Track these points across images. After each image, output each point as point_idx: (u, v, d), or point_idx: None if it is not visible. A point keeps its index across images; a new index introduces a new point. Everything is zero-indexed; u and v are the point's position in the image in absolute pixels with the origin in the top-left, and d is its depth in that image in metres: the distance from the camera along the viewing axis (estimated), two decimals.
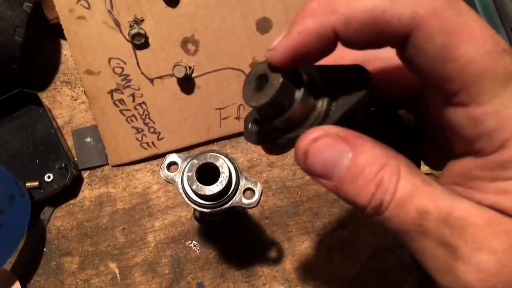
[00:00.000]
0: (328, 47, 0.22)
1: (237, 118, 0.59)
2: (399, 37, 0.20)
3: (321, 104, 0.23)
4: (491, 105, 0.19)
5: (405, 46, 0.20)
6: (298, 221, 0.57)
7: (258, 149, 0.60)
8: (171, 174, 0.44)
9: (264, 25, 0.57)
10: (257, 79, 0.24)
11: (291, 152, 0.61)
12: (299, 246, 0.56)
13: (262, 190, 0.44)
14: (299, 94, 0.23)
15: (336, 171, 0.22)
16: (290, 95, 0.23)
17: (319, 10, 0.21)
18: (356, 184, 0.21)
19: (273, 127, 0.25)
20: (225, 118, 0.59)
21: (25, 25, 0.56)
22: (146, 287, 0.55)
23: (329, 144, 0.22)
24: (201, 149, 0.60)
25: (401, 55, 0.21)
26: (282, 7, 0.57)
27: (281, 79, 0.22)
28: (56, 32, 0.63)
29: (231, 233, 0.57)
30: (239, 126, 0.60)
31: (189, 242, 0.57)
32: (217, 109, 0.59)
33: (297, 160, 0.23)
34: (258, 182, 0.44)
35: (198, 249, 0.56)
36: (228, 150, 0.60)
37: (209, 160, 0.42)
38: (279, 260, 0.56)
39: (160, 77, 0.57)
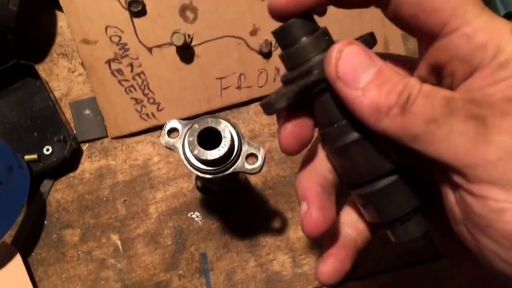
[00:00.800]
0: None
1: (238, 87, 0.58)
2: None
3: None
4: (478, 21, 0.23)
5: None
6: None
7: (260, 119, 0.59)
8: (172, 141, 0.43)
9: None
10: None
11: None
12: None
13: (265, 155, 0.43)
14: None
15: (363, 77, 0.24)
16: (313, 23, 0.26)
17: None
18: (382, 87, 0.23)
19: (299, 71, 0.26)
20: (225, 88, 0.58)
21: None
22: (149, 258, 0.55)
23: (361, 52, 0.24)
24: None
25: (388, 10, 0.25)
26: None
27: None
28: (51, 3, 0.61)
29: (233, 203, 0.56)
30: (240, 96, 0.59)
31: (191, 213, 0.56)
32: (217, 78, 0.58)
33: (328, 63, 0.24)
34: (260, 147, 0.43)
35: (201, 220, 0.56)
36: None
37: (210, 125, 0.41)
38: (283, 230, 0.55)
39: (159, 46, 0.56)
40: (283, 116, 0.30)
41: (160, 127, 0.59)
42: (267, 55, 0.58)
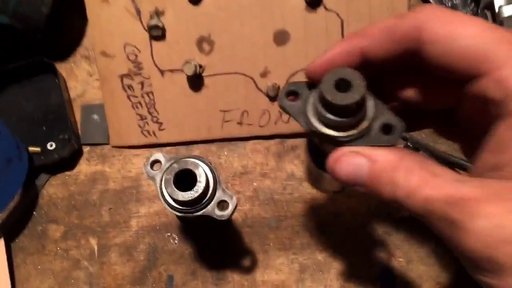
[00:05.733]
0: (355, 61, 0.29)
1: (240, 123, 0.60)
2: (411, 38, 0.26)
3: (363, 126, 0.29)
4: (510, 66, 0.23)
5: (420, 47, 0.26)
6: (278, 236, 0.58)
7: (254, 157, 0.60)
8: (153, 172, 0.46)
9: (281, 37, 0.57)
10: (339, 81, 0.27)
11: (285, 166, 0.59)
12: (274, 260, 0.57)
13: (236, 205, 0.45)
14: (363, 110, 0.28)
15: (359, 179, 0.27)
16: (362, 108, 0.28)
17: (351, 35, 0.29)
18: (377, 185, 0.27)
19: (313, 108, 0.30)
20: (227, 121, 0.60)
21: None
22: (120, 268, 0.57)
23: (348, 162, 0.28)
24: (200, 146, 0.61)
25: (422, 60, 0.27)
26: (303, 22, 0.56)
27: (363, 91, 0.27)
28: (84, 6, 0.64)
29: (210, 234, 0.58)
30: (240, 131, 0.60)
31: (169, 234, 0.58)
32: (221, 111, 0.60)
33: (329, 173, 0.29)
34: (234, 197, 0.45)
35: (176, 243, 0.58)
36: (225, 153, 0.61)
37: (189, 167, 0.43)
38: (251, 269, 0.57)
39: (171, 71, 0.58)
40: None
41: (158, 145, 0.61)
42: (273, 98, 0.59)
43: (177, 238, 0.58)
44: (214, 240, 0.58)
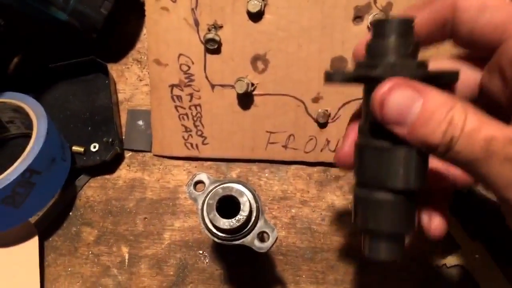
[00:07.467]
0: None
1: (285, 146, 0.58)
2: (448, 5, 0.30)
3: None
4: None
5: (454, 15, 0.29)
6: (312, 268, 0.56)
7: (296, 183, 0.59)
8: (195, 193, 0.44)
9: (338, 64, 0.55)
10: None
11: (326, 196, 0.58)
12: None
13: (277, 238, 0.43)
14: None
15: (409, 117, 0.25)
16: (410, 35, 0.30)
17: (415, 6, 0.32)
18: (428, 126, 0.25)
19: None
20: (272, 143, 0.58)
21: (114, 0, 0.58)
22: (148, 281, 0.56)
23: (402, 94, 0.26)
24: (241, 165, 0.60)
25: (454, 28, 0.30)
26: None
27: None
28: (143, 10, 0.64)
29: (242, 257, 0.56)
30: (283, 155, 0.58)
31: (201, 252, 0.57)
32: (267, 131, 0.58)
33: (374, 110, 0.27)
34: (275, 229, 0.43)
35: (207, 262, 0.57)
36: (266, 175, 0.59)
37: (233, 194, 0.42)
38: None
39: (222, 85, 0.57)
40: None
41: (199, 159, 0.60)
42: (322, 125, 0.57)
43: (208, 257, 0.57)
44: (246, 263, 0.56)
